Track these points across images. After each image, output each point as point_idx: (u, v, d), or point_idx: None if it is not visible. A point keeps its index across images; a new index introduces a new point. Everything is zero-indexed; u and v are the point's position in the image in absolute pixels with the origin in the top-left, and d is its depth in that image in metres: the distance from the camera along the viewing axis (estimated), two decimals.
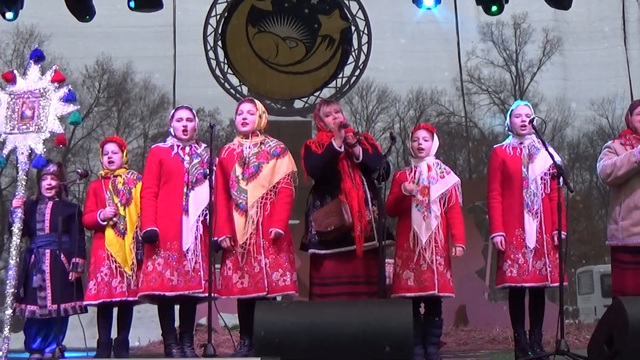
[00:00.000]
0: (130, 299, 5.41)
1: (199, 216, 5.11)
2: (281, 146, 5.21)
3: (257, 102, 5.30)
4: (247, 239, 5.00)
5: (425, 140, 5.28)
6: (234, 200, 5.06)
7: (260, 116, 5.24)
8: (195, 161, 5.24)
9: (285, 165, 5.14)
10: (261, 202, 5.05)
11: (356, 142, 5.16)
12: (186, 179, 5.19)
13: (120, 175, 5.61)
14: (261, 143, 5.18)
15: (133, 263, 5.41)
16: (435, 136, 5.35)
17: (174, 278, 5.08)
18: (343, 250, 5.09)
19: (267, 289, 4.97)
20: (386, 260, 5.32)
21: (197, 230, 5.11)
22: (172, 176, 5.21)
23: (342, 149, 5.11)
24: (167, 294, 5.09)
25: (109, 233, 5.48)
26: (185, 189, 5.17)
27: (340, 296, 5.02)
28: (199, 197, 5.11)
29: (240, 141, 5.21)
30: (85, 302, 5.52)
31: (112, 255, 5.44)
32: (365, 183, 5.16)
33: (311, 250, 5.20)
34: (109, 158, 5.64)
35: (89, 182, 6.24)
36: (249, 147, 5.15)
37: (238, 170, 5.09)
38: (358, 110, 28.75)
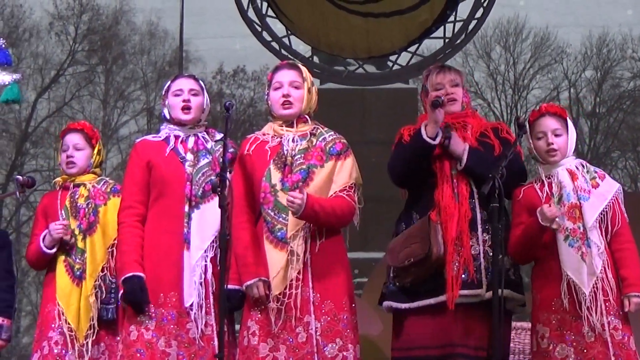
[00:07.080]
0: None
1: (207, 250, 5.25)
2: (342, 140, 5.30)
3: (302, 67, 5.41)
4: (286, 289, 5.10)
5: (557, 135, 5.30)
6: (267, 225, 5.16)
7: (309, 90, 5.34)
8: (204, 162, 5.38)
9: (346, 171, 5.22)
10: (310, 229, 5.15)
11: (448, 135, 5.23)
12: (188, 190, 5.31)
13: (85, 185, 5.74)
14: (311, 134, 5.28)
15: (92, 328, 5.53)
16: (570, 123, 5.36)
17: (172, 351, 5.19)
18: (433, 303, 5.16)
19: None
20: (514, 323, 5.40)
21: (204, 272, 5.23)
22: (168, 187, 5.33)
23: (438, 141, 5.20)
24: None
25: (61, 275, 5.59)
26: (186, 208, 5.31)
27: None
28: (207, 220, 5.23)
29: (277, 130, 5.32)
30: None
31: (63, 313, 5.56)
32: (477, 197, 5.25)
33: (386, 303, 5.30)
34: (67, 157, 5.76)
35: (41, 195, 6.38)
36: (293, 141, 5.27)
37: (275, 176, 5.20)
38: (500, 70, 28.47)
